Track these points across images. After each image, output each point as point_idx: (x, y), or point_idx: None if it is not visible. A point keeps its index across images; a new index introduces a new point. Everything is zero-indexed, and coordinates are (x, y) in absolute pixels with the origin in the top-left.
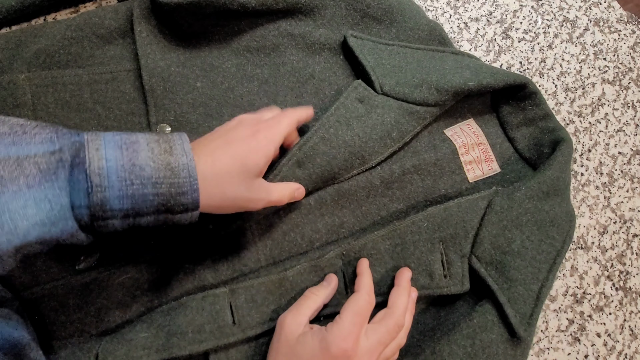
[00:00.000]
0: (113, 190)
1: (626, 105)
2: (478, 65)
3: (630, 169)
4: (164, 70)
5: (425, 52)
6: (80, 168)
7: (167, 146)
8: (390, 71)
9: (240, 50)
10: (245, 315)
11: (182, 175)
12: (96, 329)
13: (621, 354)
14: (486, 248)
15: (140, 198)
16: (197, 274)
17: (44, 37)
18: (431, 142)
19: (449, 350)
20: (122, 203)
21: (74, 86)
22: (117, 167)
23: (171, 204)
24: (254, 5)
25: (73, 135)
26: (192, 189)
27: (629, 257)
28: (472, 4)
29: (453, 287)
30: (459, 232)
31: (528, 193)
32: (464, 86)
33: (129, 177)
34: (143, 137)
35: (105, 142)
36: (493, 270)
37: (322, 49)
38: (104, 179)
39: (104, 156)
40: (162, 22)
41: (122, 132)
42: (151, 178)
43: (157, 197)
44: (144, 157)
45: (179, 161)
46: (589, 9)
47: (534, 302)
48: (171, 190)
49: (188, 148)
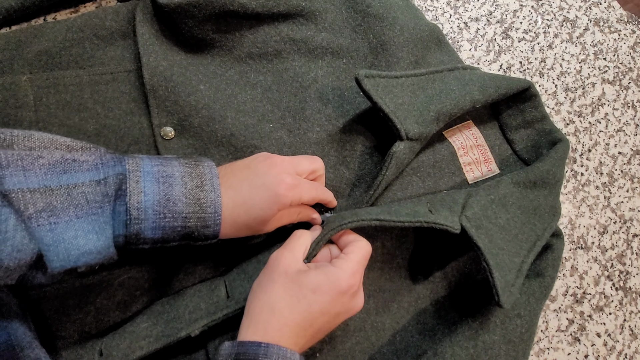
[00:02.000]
0: (148, 222)
1: (626, 105)
2: (480, 77)
3: (630, 169)
4: (166, 69)
5: (428, 76)
6: (121, 200)
7: (198, 181)
8: (407, 111)
9: (243, 58)
10: (238, 287)
11: (208, 211)
12: (96, 329)
13: (621, 354)
14: (476, 212)
15: (170, 230)
16: (198, 274)
17: (45, 38)
18: (430, 144)
19: (451, 351)
20: (154, 233)
21: (75, 87)
22: (154, 202)
23: (195, 235)
24: (254, 6)
25: (116, 165)
26: (215, 223)
27: (629, 257)
28: (472, 3)
29: (443, 220)
30: (445, 198)
31: (514, 178)
32: (471, 104)
33: (163, 211)
34: (178, 171)
35: (144, 174)
36: (483, 235)
37: (324, 54)
38: (142, 212)
39: (143, 189)
40: (164, 26)
41: (159, 159)
42: (182, 213)
43: (184, 229)
44: (178, 192)
45: (208, 197)
46: (589, 8)
47: (516, 273)
48: (197, 224)
49: (217, 183)
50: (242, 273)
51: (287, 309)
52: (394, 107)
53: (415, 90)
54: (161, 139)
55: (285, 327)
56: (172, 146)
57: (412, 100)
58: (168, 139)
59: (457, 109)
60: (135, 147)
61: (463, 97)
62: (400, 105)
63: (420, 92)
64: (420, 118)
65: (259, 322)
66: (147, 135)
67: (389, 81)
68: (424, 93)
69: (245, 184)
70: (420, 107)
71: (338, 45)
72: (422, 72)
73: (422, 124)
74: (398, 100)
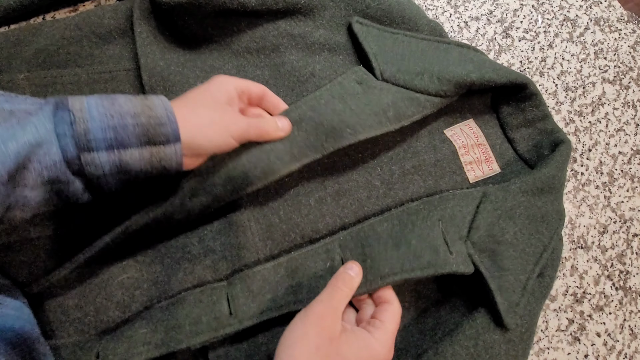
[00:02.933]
0: (94, 121)
1: (626, 105)
2: (482, 59)
3: (631, 169)
4: (163, 69)
5: (430, 42)
6: (63, 108)
7: (142, 97)
8: (393, 58)
9: (241, 52)
10: (242, 305)
11: (159, 110)
12: (95, 329)
13: (621, 354)
14: (481, 235)
15: (121, 127)
16: (197, 274)
17: (43, 37)
18: (431, 143)
19: (452, 351)
20: (104, 132)
21: (73, 85)
22: (97, 104)
23: (152, 134)
24: (254, 4)
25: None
26: (170, 120)
27: (629, 257)
28: (472, 3)
29: (462, 266)
30: (455, 214)
31: (522, 187)
32: (466, 77)
33: (109, 112)
34: (122, 95)
35: (87, 99)
36: (486, 258)
37: (321, 49)
38: (86, 112)
39: (85, 100)
40: (162, 23)
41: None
42: (129, 112)
43: (137, 127)
44: (122, 99)
45: (154, 101)
46: (589, 8)
47: (521, 291)
48: (150, 121)
49: (163, 98)
50: (246, 290)
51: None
52: (377, 51)
53: (411, 47)
54: None
55: None
56: None
57: (402, 52)
58: None
59: (447, 73)
60: None
61: (456, 65)
62: (384, 52)
63: (417, 51)
64: (404, 67)
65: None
66: None
67: (382, 33)
68: (422, 54)
69: (191, 101)
70: (408, 60)
71: (335, 42)
72: (427, 38)
73: (404, 72)
74: (385, 48)
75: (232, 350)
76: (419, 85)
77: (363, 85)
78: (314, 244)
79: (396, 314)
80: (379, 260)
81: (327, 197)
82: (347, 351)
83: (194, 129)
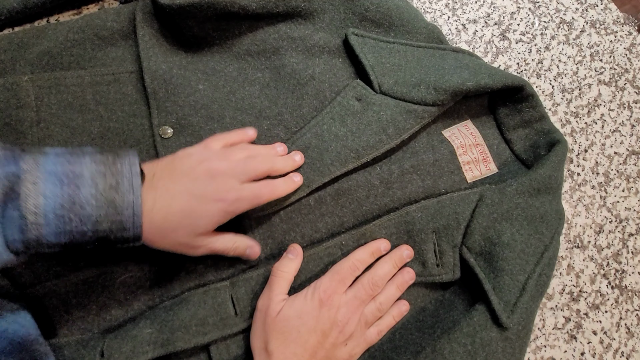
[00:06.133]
0: (50, 227)
1: (622, 106)
2: (477, 64)
3: (626, 169)
4: (165, 72)
5: (425, 50)
6: (14, 204)
7: (113, 181)
8: (390, 70)
9: (242, 55)
10: (247, 306)
11: (125, 213)
12: (98, 327)
13: (617, 352)
14: (476, 239)
15: (79, 235)
16: (199, 272)
17: (47, 39)
18: (429, 143)
19: (449, 348)
20: (59, 239)
21: (77, 87)
22: (55, 205)
23: (111, 239)
24: (255, 8)
25: (9, 163)
26: (135, 226)
27: (624, 256)
28: (470, 6)
29: (445, 276)
30: (451, 223)
31: (519, 188)
32: (462, 86)
33: (68, 215)
34: (89, 170)
35: (46, 174)
36: (482, 261)
37: (321, 52)
38: (40, 217)
39: (42, 192)
40: (164, 26)
41: (69, 155)
42: (91, 217)
43: (97, 234)
44: (86, 194)
45: (125, 199)
46: (585, 10)
47: (519, 291)
48: (112, 227)
49: (137, 184)
50: (250, 292)
51: (281, 353)
52: (374, 62)
53: (407, 57)
54: (160, 138)
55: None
56: (171, 145)
57: (399, 63)
58: (166, 137)
59: (444, 82)
60: (135, 148)
61: (452, 73)
62: (381, 64)
63: (413, 60)
64: (401, 79)
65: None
66: (147, 136)
67: (378, 44)
68: (418, 63)
69: (176, 201)
70: (405, 71)
71: (335, 45)
72: (422, 45)
73: (401, 84)
74: (382, 59)
75: (232, 344)
76: (416, 96)
77: (362, 102)
78: (315, 246)
79: (337, 265)
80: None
81: (326, 197)
82: (292, 314)
83: (155, 241)
